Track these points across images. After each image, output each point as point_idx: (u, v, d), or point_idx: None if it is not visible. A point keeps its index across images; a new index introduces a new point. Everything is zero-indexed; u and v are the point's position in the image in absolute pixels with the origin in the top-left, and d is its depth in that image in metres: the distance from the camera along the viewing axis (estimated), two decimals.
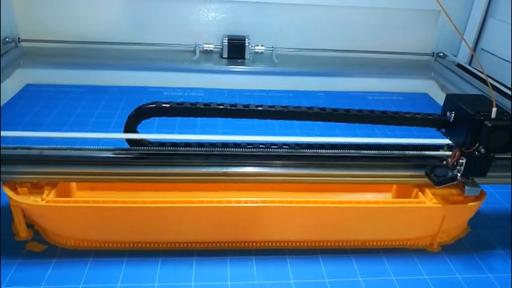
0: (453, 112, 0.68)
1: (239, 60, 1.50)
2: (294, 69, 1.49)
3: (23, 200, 0.67)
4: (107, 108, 1.26)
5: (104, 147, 0.72)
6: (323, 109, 0.71)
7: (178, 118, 0.70)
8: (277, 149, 0.74)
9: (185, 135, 0.73)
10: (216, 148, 0.74)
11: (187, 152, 0.72)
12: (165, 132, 0.91)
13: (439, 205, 0.72)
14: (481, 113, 0.64)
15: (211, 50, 1.52)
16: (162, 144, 0.73)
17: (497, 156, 0.72)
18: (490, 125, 0.63)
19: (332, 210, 0.71)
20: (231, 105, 0.69)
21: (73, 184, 0.78)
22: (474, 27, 1.48)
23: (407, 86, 1.54)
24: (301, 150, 0.74)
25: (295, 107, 0.70)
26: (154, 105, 0.69)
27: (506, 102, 1.19)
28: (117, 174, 0.70)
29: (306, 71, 1.50)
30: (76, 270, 0.68)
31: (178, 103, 0.69)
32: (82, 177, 0.70)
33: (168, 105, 0.69)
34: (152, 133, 0.75)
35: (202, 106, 0.69)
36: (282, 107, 0.70)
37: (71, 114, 1.20)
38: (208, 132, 1.11)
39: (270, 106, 0.70)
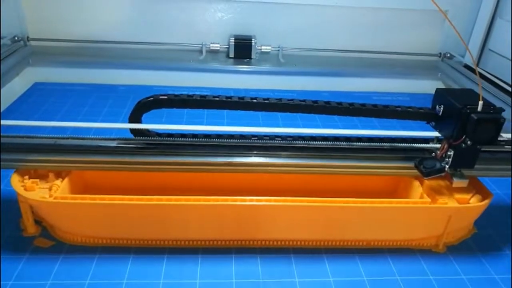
0: (442, 106, 0.70)
1: (245, 60, 1.51)
2: (300, 69, 1.49)
3: (31, 196, 0.68)
4: (114, 106, 1.27)
5: (114, 137, 0.75)
6: (315, 102, 0.72)
7: (185, 111, 0.70)
8: (274, 141, 0.76)
9: (187, 125, 0.75)
10: (221, 139, 0.75)
11: (193, 143, 0.75)
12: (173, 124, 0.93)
13: (445, 206, 0.72)
14: (468, 106, 0.65)
15: (217, 49, 1.52)
16: (170, 135, 0.75)
17: (498, 149, 0.75)
18: (476, 117, 0.64)
19: (337, 210, 0.72)
20: (226, 97, 0.71)
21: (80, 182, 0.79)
22: (482, 27, 1.47)
23: (414, 86, 1.54)
24: (295, 141, 0.76)
25: (289, 100, 0.72)
26: (152, 98, 0.71)
27: (508, 101, 1.19)
28: (126, 163, 0.72)
29: (313, 71, 1.50)
30: (83, 266, 0.69)
31: (175, 95, 0.71)
32: (92, 165, 0.72)
33: (166, 97, 0.71)
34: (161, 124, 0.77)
35: (198, 98, 0.71)
36: (276, 99, 0.72)
37: (79, 113, 1.21)
38: (214, 124, 1.12)
39: (264, 99, 0.72)
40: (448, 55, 1.57)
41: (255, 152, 0.74)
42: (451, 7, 1.52)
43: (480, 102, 0.65)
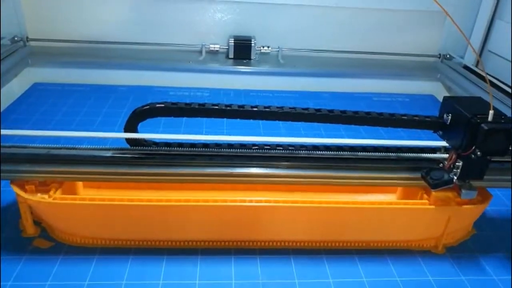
0: (450, 115, 0.68)
1: (245, 61, 1.51)
2: (299, 70, 1.50)
3: (31, 197, 0.68)
4: (114, 107, 1.27)
5: (110, 146, 0.73)
6: (318, 110, 0.70)
7: (184, 119, 0.68)
8: (275, 151, 0.74)
9: (184, 135, 0.73)
10: (220, 149, 0.74)
11: (192, 153, 0.73)
12: (170, 133, 0.92)
13: (444, 207, 0.72)
14: (478, 116, 0.63)
15: (217, 50, 1.52)
16: (168, 144, 0.73)
17: (496, 159, 0.71)
18: (486, 128, 0.62)
19: (337, 211, 0.72)
20: (225, 106, 0.69)
21: (80, 182, 0.79)
22: (481, 29, 1.48)
23: (413, 87, 1.54)
24: (297, 151, 0.74)
25: (290, 108, 0.70)
26: (148, 107, 0.69)
27: (508, 103, 1.19)
28: (122, 174, 0.70)
29: (312, 72, 1.50)
30: (82, 267, 0.69)
31: (172, 103, 0.69)
32: (87, 176, 0.71)
33: (162, 105, 0.69)
34: (158, 133, 0.75)
35: (196, 107, 0.69)
36: (277, 107, 0.70)
37: (78, 113, 1.21)
38: (213, 133, 1.12)
39: (265, 107, 0.70)
40: (448, 56, 1.57)
41: (255, 162, 0.72)
42: (451, 8, 1.51)
43: (491, 112, 0.63)
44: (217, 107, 0.69)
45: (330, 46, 1.57)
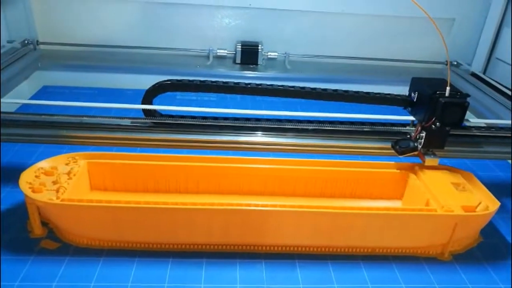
0: (417, 93, 0.79)
1: (252, 66, 1.52)
2: (306, 75, 1.50)
3: (39, 198, 0.69)
4: (121, 111, 1.27)
5: (130, 116, 0.87)
6: (303, 88, 0.84)
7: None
8: (273, 123, 0.87)
9: (196, 108, 0.86)
10: (227, 121, 0.85)
11: (202, 123, 0.85)
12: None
13: (451, 214, 0.71)
14: (438, 92, 0.75)
15: (224, 55, 1.53)
16: (182, 117, 0.85)
17: (467, 133, 0.87)
18: (443, 101, 0.74)
19: (343, 216, 0.72)
20: (223, 82, 0.82)
21: (87, 184, 0.80)
22: (489, 36, 1.47)
23: None
24: (293, 124, 0.86)
25: (279, 85, 0.84)
26: (157, 84, 0.82)
27: (508, 105, 1.20)
28: (140, 139, 0.83)
29: (319, 78, 1.50)
30: (89, 268, 0.69)
31: (177, 80, 0.82)
32: (112, 141, 0.83)
33: (169, 82, 0.82)
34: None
35: (198, 83, 0.81)
36: (267, 85, 0.83)
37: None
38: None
39: (257, 84, 0.83)
40: (455, 63, 1.57)
41: (257, 132, 0.85)
42: (458, 15, 1.52)
43: (448, 88, 0.73)
44: (215, 83, 0.82)
45: (337, 52, 1.57)
